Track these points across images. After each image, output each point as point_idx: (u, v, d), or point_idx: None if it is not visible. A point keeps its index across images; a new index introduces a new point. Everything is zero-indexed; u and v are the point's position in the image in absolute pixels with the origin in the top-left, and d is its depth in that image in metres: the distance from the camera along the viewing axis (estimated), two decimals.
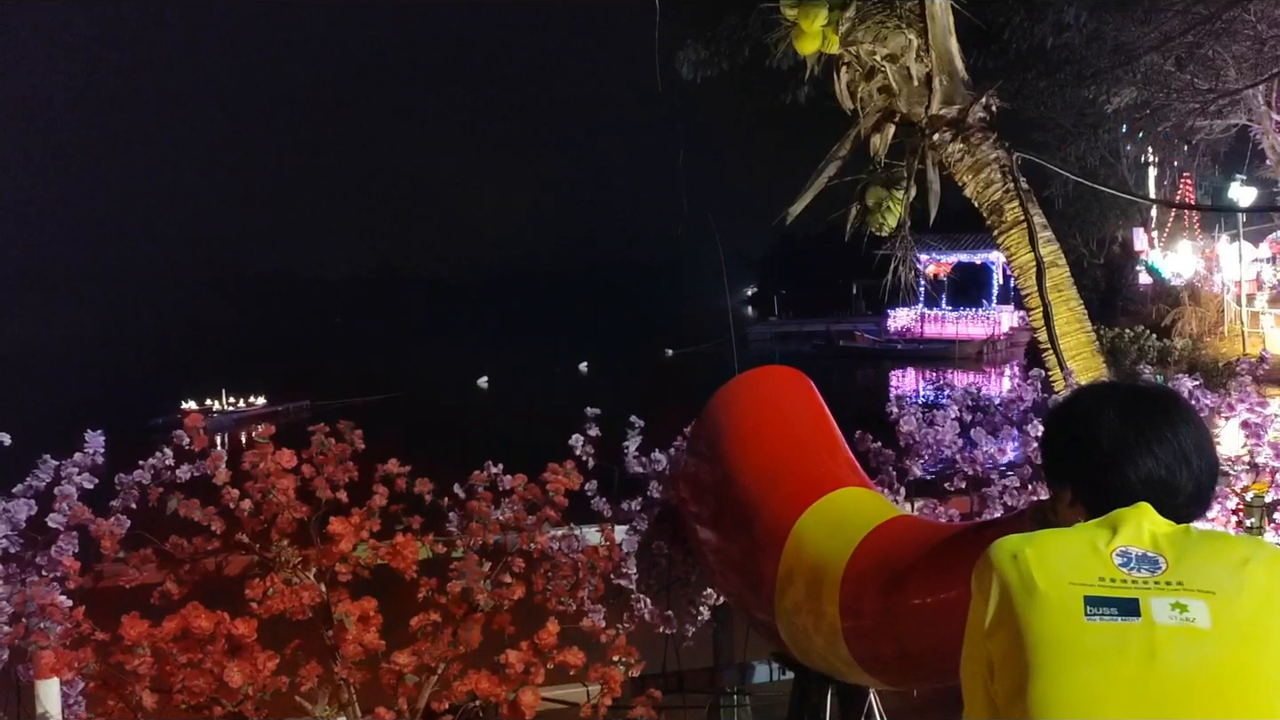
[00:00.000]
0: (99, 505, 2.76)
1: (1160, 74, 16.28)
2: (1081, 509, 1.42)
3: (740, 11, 7.79)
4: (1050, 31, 10.92)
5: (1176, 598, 1.22)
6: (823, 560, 2.36)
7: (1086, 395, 1.55)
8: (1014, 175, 4.94)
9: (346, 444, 2.87)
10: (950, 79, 4.99)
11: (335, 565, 2.74)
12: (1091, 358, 4.87)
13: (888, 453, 3.40)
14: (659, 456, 3.24)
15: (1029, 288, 4.90)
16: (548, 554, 2.98)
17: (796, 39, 5.07)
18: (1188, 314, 26.19)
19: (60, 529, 2.69)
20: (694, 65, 8.65)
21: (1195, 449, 1.40)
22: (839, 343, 40.38)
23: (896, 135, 5.31)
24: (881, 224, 5.36)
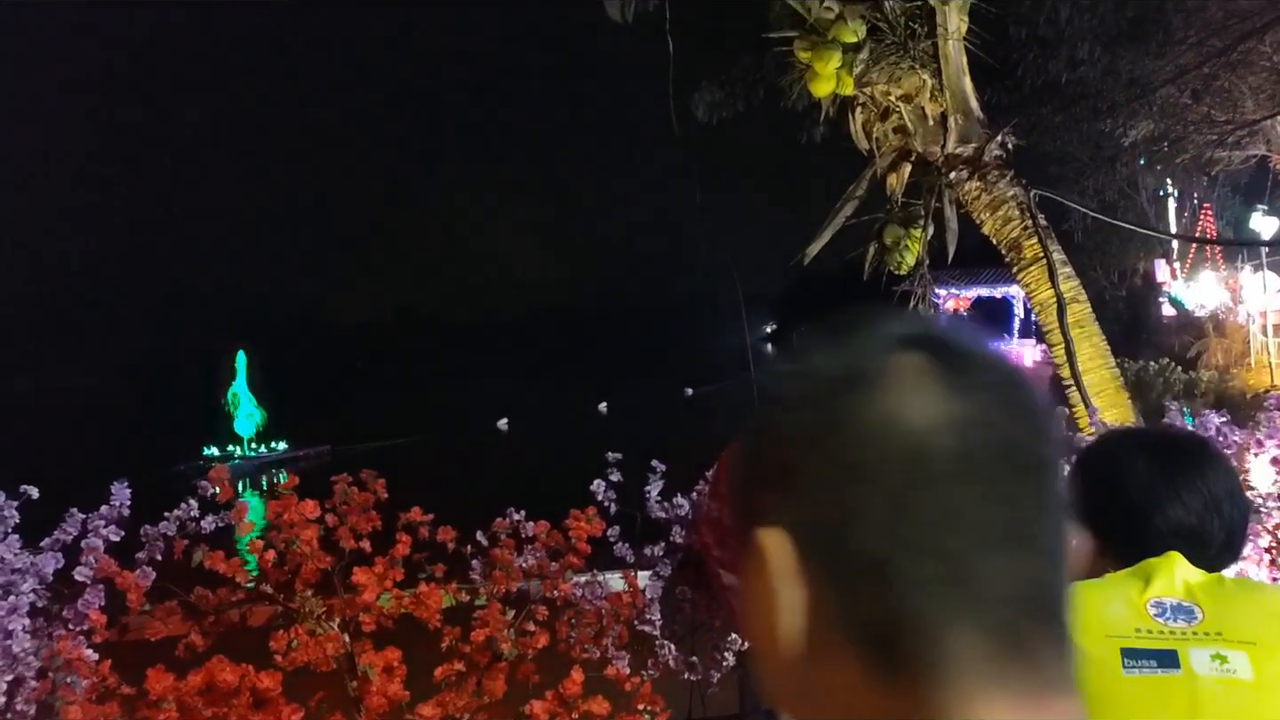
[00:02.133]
0: (125, 553, 2.77)
1: (1176, 106, 16.29)
2: (1111, 558, 1.40)
3: (754, 53, 7.86)
4: (1064, 67, 10.98)
5: (1216, 648, 1.20)
6: None
7: (1113, 443, 1.53)
8: (1032, 212, 4.93)
9: (369, 493, 2.88)
10: (965, 118, 5.01)
11: (359, 615, 2.74)
12: (1116, 394, 4.82)
13: None
14: (681, 501, 3.23)
15: (1050, 324, 4.87)
16: (571, 601, 2.97)
17: (810, 81, 5.11)
18: (1213, 346, 25.96)
19: (87, 582, 2.70)
20: (709, 107, 8.73)
21: (1226, 496, 1.38)
22: None
23: (913, 174, 5.32)
24: (900, 263, 5.36)
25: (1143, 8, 11.61)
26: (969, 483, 0.53)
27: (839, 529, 0.54)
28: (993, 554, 0.53)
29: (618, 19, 6.97)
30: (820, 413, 0.56)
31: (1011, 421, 0.56)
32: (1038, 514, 0.55)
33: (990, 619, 0.53)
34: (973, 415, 0.55)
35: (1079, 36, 10.41)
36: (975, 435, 0.54)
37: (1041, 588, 0.55)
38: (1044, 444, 0.57)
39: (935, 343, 0.57)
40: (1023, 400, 0.57)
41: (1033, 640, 0.54)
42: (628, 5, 6.92)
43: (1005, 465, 0.55)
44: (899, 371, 0.56)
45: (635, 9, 6.91)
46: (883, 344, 0.58)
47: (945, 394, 0.55)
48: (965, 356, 0.57)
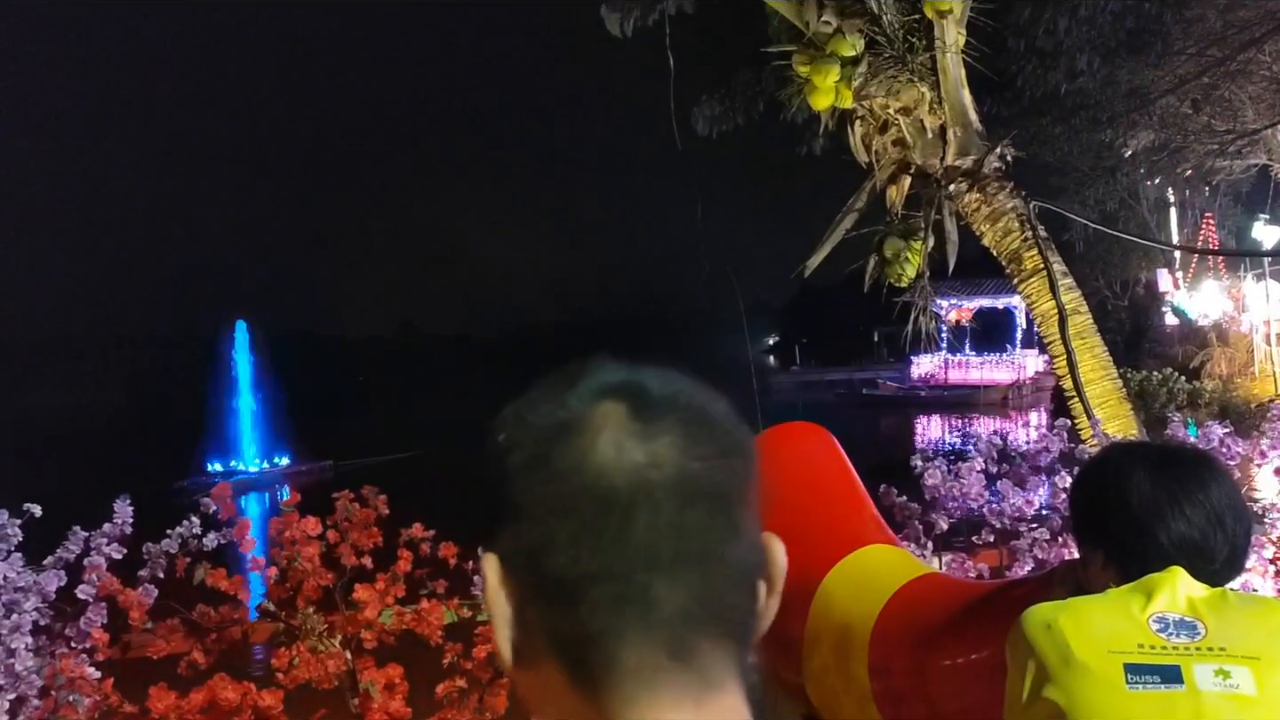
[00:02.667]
0: (127, 571, 2.77)
1: (1177, 116, 16.33)
2: (1113, 572, 1.40)
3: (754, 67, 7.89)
4: (1063, 78, 10.98)
5: (1219, 664, 1.20)
6: (850, 621, 2.33)
7: (1115, 456, 1.53)
8: (1031, 224, 4.94)
9: (371, 509, 2.88)
10: (964, 130, 5.02)
11: (361, 632, 2.74)
12: (1119, 405, 4.81)
13: (913, 506, 3.37)
14: None
15: (1051, 335, 4.87)
16: None
17: (810, 95, 5.13)
18: (1216, 355, 25.92)
19: (89, 600, 2.70)
20: (709, 120, 8.75)
21: (1229, 510, 1.38)
22: (862, 391, 40.20)
23: (912, 187, 5.33)
24: (900, 275, 5.36)
25: (1141, 18, 11.64)
26: (642, 514, 0.62)
27: (538, 556, 0.63)
28: (662, 575, 0.62)
29: (617, 34, 7.01)
30: (529, 455, 0.65)
31: (690, 459, 0.65)
32: (710, 538, 0.64)
33: (660, 632, 0.62)
34: (653, 455, 0.64)
35: (1078, 48, 10.42)
36: (651, 473, 0.63)
37: (712, 602, 0.64)
38: (723, 475, 0.66)
39: (634, 391, 0.67)
40: (707, 438, 0.67)
41: (700, 648, 0.63)
42: (627, 20, 6.96)
43: (678, 497, 0.63)
44: (597, 419, 0.65)
45: (635, 24, 6.94)
46: (588, 394, 0.67)
47: (632, 438, 0.64)
48: (659, 403, 0.67)
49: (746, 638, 0.67)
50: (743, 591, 0.66)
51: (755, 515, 0.69)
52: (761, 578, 0.68)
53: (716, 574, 0.64)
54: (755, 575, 0.68)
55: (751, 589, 0.67)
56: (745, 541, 0.67)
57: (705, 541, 0.64)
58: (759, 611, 0.68)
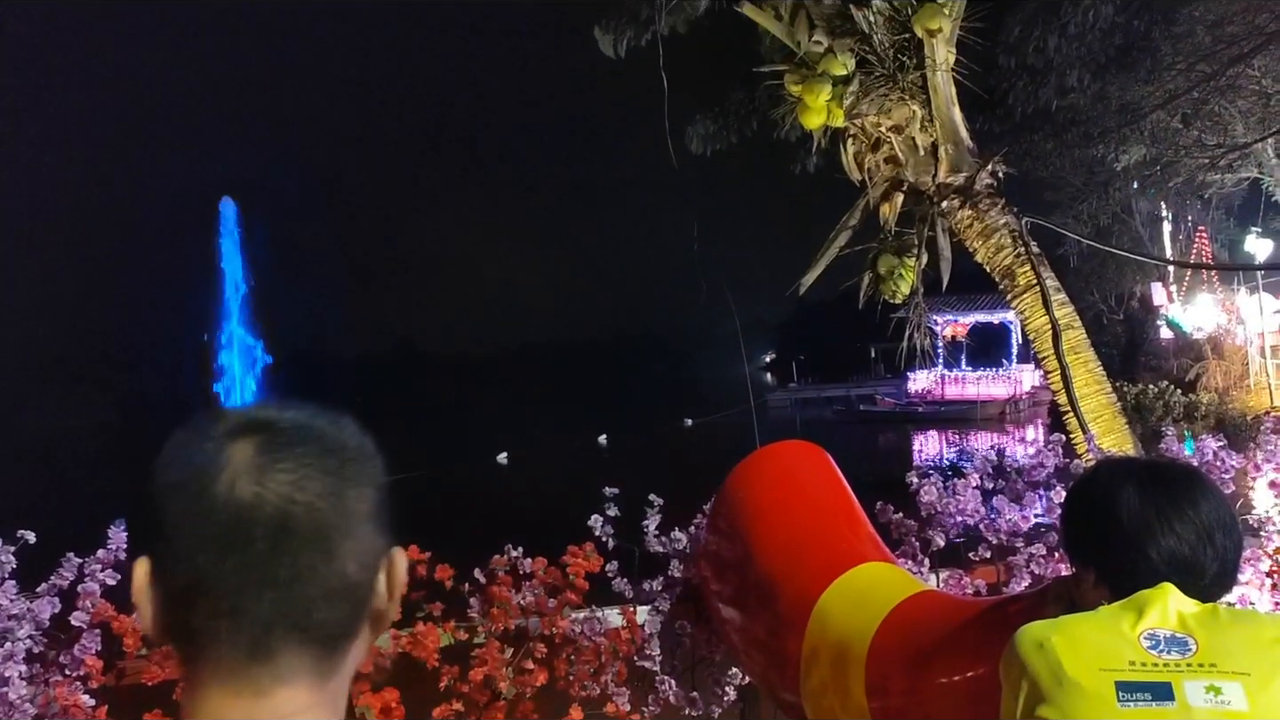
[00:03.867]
0: (122, 597, 2.76)
1: (1167, 131, 16.42)
2: (1105, 589, 1.40)
3: (747, 87, 7.93)
4: (1054, 95, 11.05)
5: (1210, 680, 1.20)
6: (846, 639, 2.33)
7: (1104, 473, 1.53)
8: (1024, 239, 4.96)
9: None
10: (956, 147, 5.05)
11: None
12: (1114, 419, 4.82)
13: (910, 523, 3.37)
14: (679, 535, 3.22)
15: (1046, 351, 4.88)
16: (570, 638, 2.96)
17: (801, 114, 5.16)
18: (1211, 368, 25.96)
19: (84, 627, 2.69)
20: (703, 139, 8.80)
21: (1219, 526, 1.39)
22: (859, 407, 40.20)
23: (905, 204, 5.35)
24: (895, 291, 5.38)
25: (1130, 35, 11.73)
26: (240, 543, 0.77)
27: (168, 566, 0.79)
28: (251, 592, 0.77)
29: (611, 54, 7.05)
30: (173, 482, 0.80)
31: (297, 494, 0.79)
32: (300, 563, 0.78)
33: (244, 635, 0.78)
34: (261, 494, 0.78)
35: (1068, 64, 10.49)
36: (255, 511, 0.78)
37: (296, 615, 0.79)
38: (328, 507, 0.80)
39: (264, 429, 0.82)
40: (323, 473, 0.81)
41: (278, 651, 0.78)
42: (620, 41, 7.00)
43: (276, 530, 0.78)
44: (226, 457, 0.79)
45: (628, 45, 6.99)
46: (226, 432, 0.81)
47: (248, 476, 0.79)
48: (285, 441, 0.81)
49: (336, 644, 0.82)
50: (332, 606, 0.80)
51: (372, 534, 0.84)
52: (375, 590, 0.84)
53: (304, 593, 0.79)
54: (359, 591, 0.82)
55: (347, 601, 0.82)
56: (341, 562, 0.80)
57: (295, 567, 0.78)
58: (358, 619, 0.83)
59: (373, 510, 0.85)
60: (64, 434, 58.61)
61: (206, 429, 0.82)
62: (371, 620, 0.85)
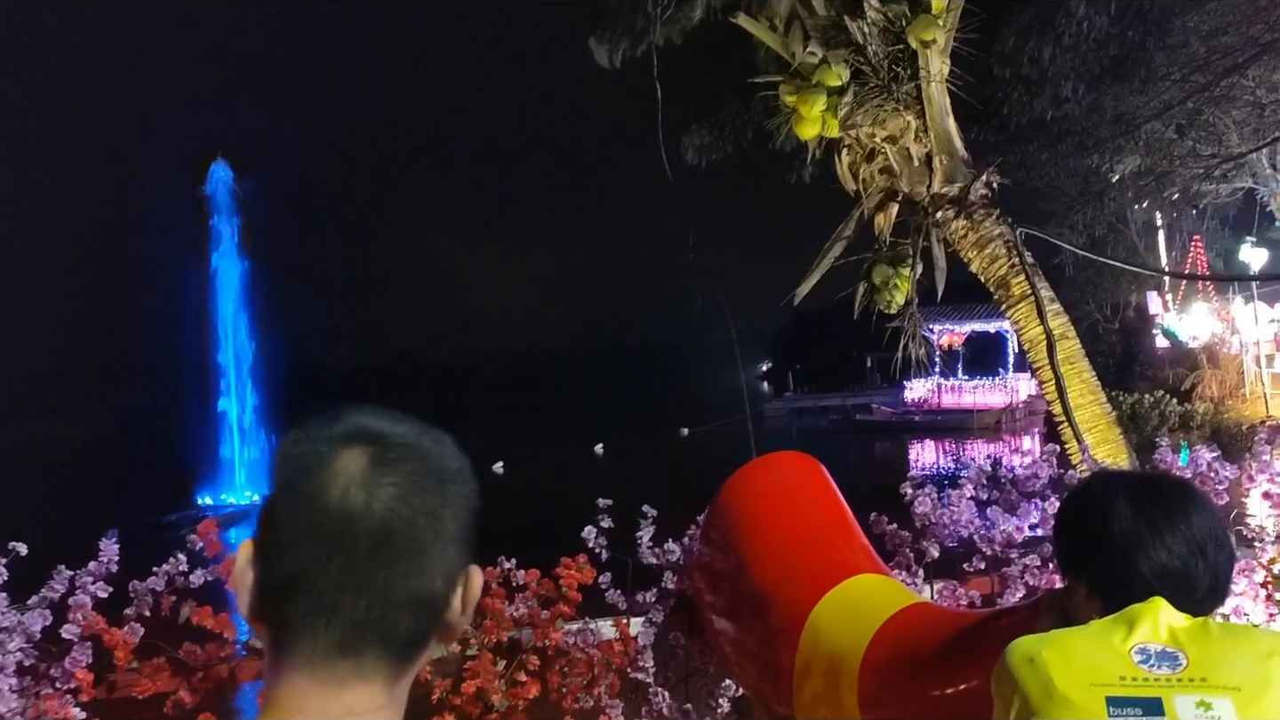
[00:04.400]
0: (113, 609, 2.74)
1: (1162, 141, 16.47)
2: (1097, 602, 1.40)
3: (742, 97, 7.95)
4: (1049, 105, 11.09)
5: (1200, 695, 1.20)
6: (840, 651, 2.32)
7: (1097, 486, 1.53)
8: (1018, 250, 4.96)
9: None
10: (950, 158, 5.06)
11: None
12: (1108, 429, 4.82)
13: (904, 534, 3.36)
14: (673, 547, 3.21)
15: (1040, 361, 4.88)
16: (563, 650, 2.94)
17: (796, 125, 5.17)
18: (1207, 377, 26.00)
19: (75, 640, 2.67)
20: (698, 150, 8.82)
21: (1210, 540, 1.38)
22: (856, 417, 40.19)
23: (900, 214, 5.36)
24: (889, 302, 5.38)
25: (1125, 46, 11.77)
26: (343, 547, 0.82)
27: (270, 556, 0.85)
28: (348, 595, 0.83)
29: (606, 65, 7.06)
30: (285, 480, 0.86)
31: (400, 508, 0.84)
32: (394, 573, 0.84)
33: (335, 634, 0.83)
34: (369, 503, 0.83)
35: (1062, 75, 10.53)
36: (359, 520, 0.83)
37: (382, 620, 0.84)
38: (425, 523, 0.85)
39: (376, 440, 0.87)
40: (425, 490, 0.86)
41: (363, 651, 0.84)
42: (615, 52, 7.02)
43: (375, 540, 0.83)
44: (338, 463, 0.84)
45: (623, 56, 7.00)
46: (340, 438, 0.86)
47: (359, 484, 0.84)
48: (394, 454, 0.86)
49: (411, 651, 0.87)
50: (416, 615, 0.86)
51: (457, 552, 0.89)
52: (450, 604, 0.89)
53: (391, 600, 0.84)
54: (438, 603, 0.88)
55: (428, 612, 0.87)
56: (430, 576, 0.86)
57: (389, 576, 0.84)
58: (434, 630, 0.89)
59: (463, 530, 0.90)
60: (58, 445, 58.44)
61: (321, 433, 0.87)
62: (442, 631, 0.91)
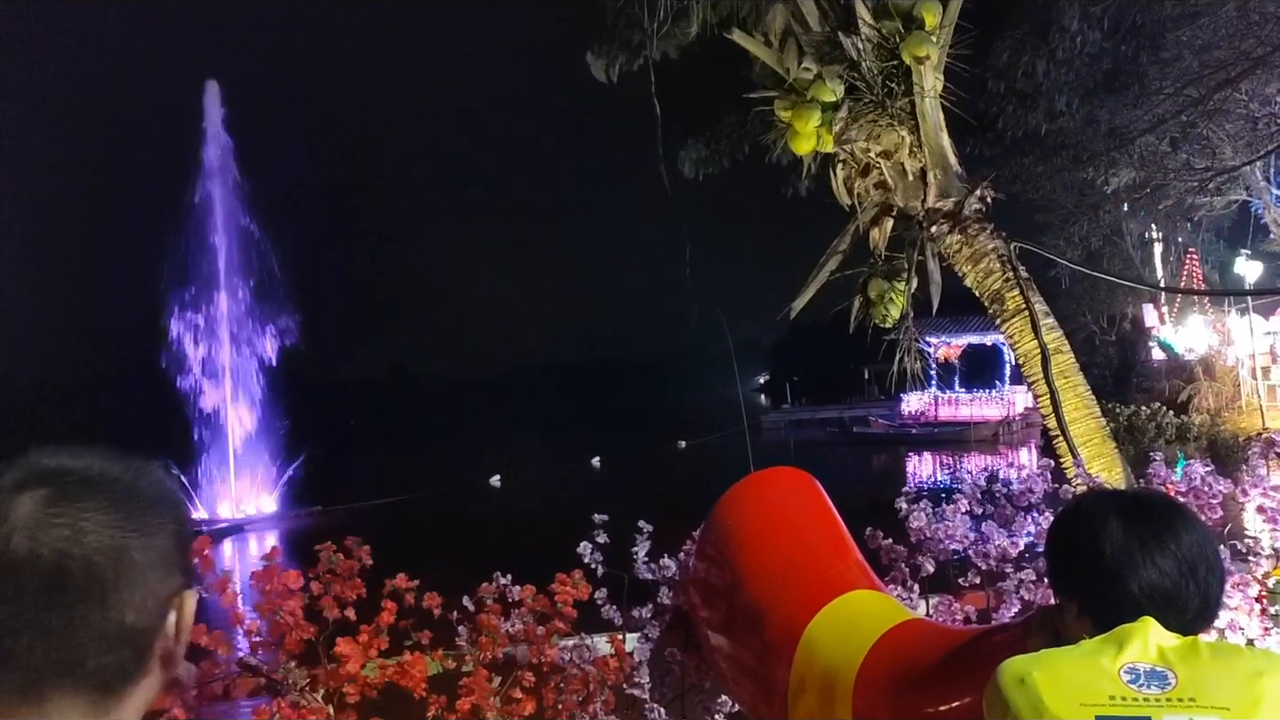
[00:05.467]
0: None
1: (1156, 154, 16.56)
2: (1088, 621, 1.40)
3: (738, 112, 7.98)
4: (1043, 119, 11.15)
5: (1190, 715, 1.20)
6: (834, 667, 2.32)
7: (1088, 505, 1.53)
8: (1013, 264, 4.97)
9: (354, 560, 2.87)
10: (944, 173, 5.07)
11: (343, 686, 2.71)
12: (1103, 443, 4.82)
13: (899, 549, 3.36)
14: (668, 562, 3.21)
15: (1035, 375, 4.88)
16: (558, 666, 2.94)
17: (791, 140, 5.19)
18: (1203, 389, 26.04)
19: None
20: (695, 164, 8.85)
21: (1201, 560, 1.39)
22: (853, 429, 40.21)
23: (895, 228, 5.37)
24: (885, 315, 5.39)
25: (1118, 60, 11.85)
26: (10, 592, 0.82)
27: None
28: (24, 638, 0.82)
29: (603, 79, 7.09)
30: None
31: (74, 547, 0.83)
32: (74, 613, 0.83)
33: (15, 678, 0.82)
34: (35, 546, 0.82)
35: (1056, 89, 10.59)
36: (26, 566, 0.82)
37: (69, 661, 0.82)
38: (107, 559, 0.84)
39: (53, 479, 0.85)
40: (111, 523, 0.85)
41: (49, 695, 0.83)
42: (612, 67, 7.05)
43: (46, 581, 0.82)
44: (8, 509, 0.83)
45: (620, 70, 7.03)
46: (12, 484, 0.85)
47: (26, 527, 0.83)
48: (74, 492, 0.85)
49: (113, 686, 0.85)
50: (112, 652, 0.85)
51: (159, 581, 0.87)
52: (161, 632, 0.88)
53: (76, 640, 0.83)
54: (140, 636, 0.86)
55: (128, 646, 0.85)
56: (119, 611, 0.84)
57: (68, 616, 0.83)
58: (140, 662, 0.87)
59: (161, 558, 0.88)
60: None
61: (7, 486, 0.87)
62: (161, 659, 0.89)
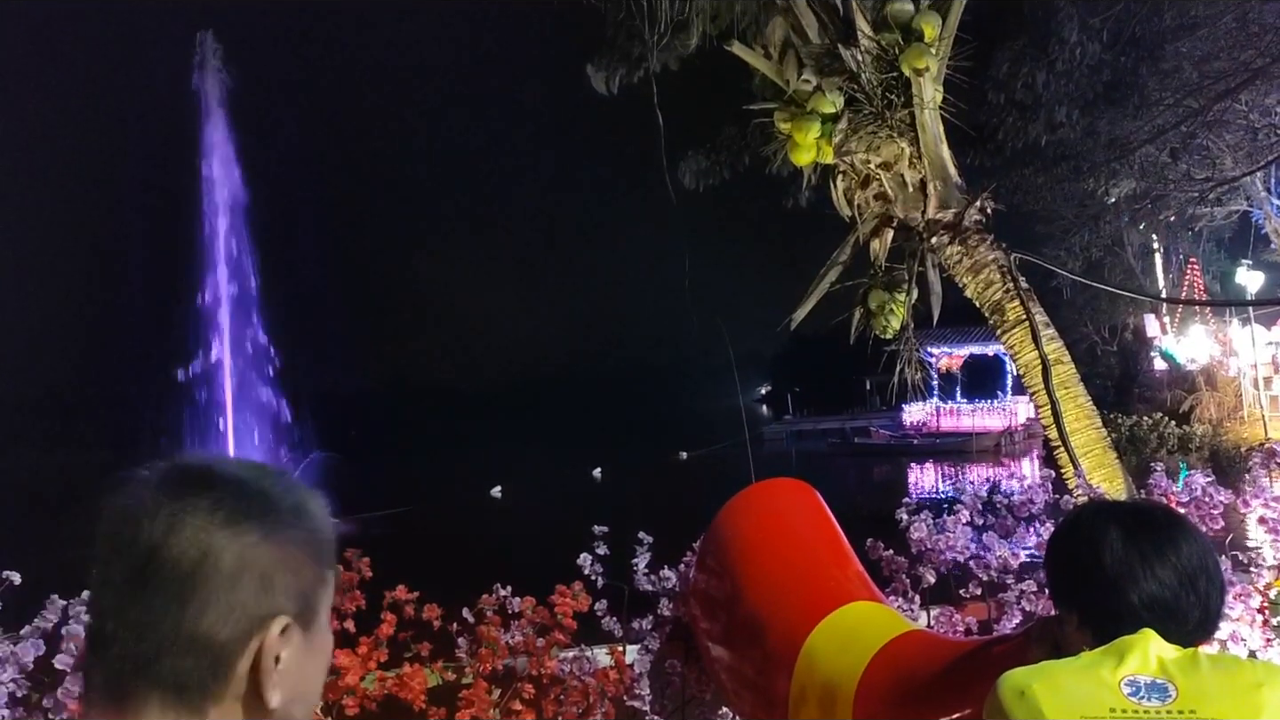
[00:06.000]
0: None
1: (1156, 165, 16.57)
2: (1088, 633, 1.40)
3: (739, 123, 8.00)
4: (1043, 130, 11.15)
5: None
6: (834, 679, 2.32)
7: (1088, 517, 1.53)
8: (1013, 275, 4.98)
9: (354, 572, 2.86)
10: (944, 184, 5.08)
11: (343, 699, 2.70)
12: (1103, 454, 4.82)
13: (900, 560, 3.36)
14: (668, 573, 3.21)
15: (1035, 385, 4.88)
16: (558, 678, 2.93)
17: (791, 151, 5.20)
18: (1205, 399, 26.00)
19: (67, 670, 2.66)
20: (696, 175, 8.88)
21: (1201, 571, 1.39)
22: (855, 440, 40.15)
23: (895, 239, 5.38)
24: (885, 326, 5.39)
25: (1118, 71, 11.86)
26: (108, 590, 0.82)
27: None
28: (121, 636, 0.81)
29: (603, 91, 7.12)
30: (102, 527, 0.85)
31: (189, 548, 0.81)
32: (168, 616, 0.80)
33: (105, 674, 0.82)
34: (152, 545, 0.81)
35: (1056, 100, 10.61)
36: (139, 559, 0.81)
37: (154, 662, 0.80)
38: (214, 563, 0.81)
39: (180, 481, 0.84)
40: (228, 529, 0.82)
41: (132, 692, 0.81)
42: (613, 79, 7.07)
43: (143, 581, 0.81)
44: (139, 500, 0.83)
45: (620, 81, 7.06)
46: (143, 483, 0.84)
47: (150, 523, 0.81)
48: (196, 494, 0.83)
49: (190, 697, 0.81)
50: (188, 656, 0.81)
51: (251, 593, 0.83)
52: (243, 653, 0.83)
53: (155, 635, 0.80)
54: (220, 648, 0.82)
55: (207, 655, 0.81)
56: (197, 617, 0.81)
57: (148, 609, 0.80)
58: (216, 679, 0.82)
59: (260, 571, 0.83)
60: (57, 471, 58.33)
61: (135, 477, 0.86)
62: (251, 684, 0.83)
